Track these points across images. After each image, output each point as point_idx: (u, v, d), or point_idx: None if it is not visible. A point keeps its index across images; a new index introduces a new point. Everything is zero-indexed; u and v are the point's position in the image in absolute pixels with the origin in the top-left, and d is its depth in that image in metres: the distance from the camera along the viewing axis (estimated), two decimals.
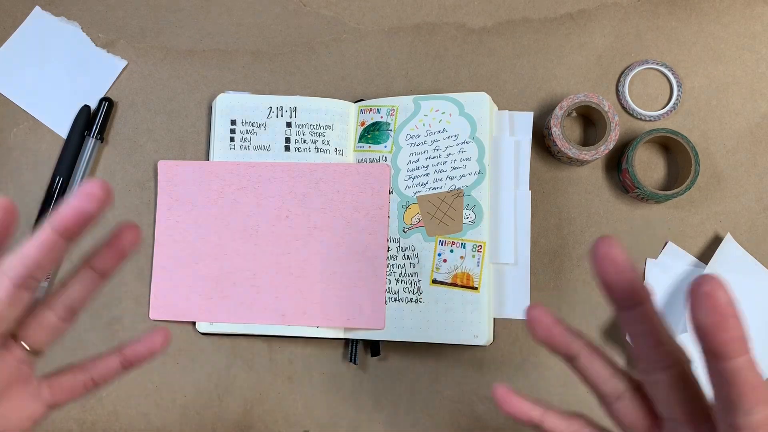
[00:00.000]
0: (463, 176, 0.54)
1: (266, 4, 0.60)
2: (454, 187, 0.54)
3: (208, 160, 0.57)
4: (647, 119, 0.56)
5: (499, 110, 0.56)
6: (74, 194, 0.30)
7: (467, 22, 0.59)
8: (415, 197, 0.54)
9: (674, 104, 0.56)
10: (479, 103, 0.54)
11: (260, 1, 0.60)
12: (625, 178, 0.54)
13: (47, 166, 0.58)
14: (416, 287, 0.53)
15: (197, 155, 0.58)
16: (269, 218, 0.55)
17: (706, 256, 0.54)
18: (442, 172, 0.54)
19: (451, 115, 0.55)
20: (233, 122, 0.57)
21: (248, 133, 0.56)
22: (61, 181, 0.56)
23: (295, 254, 0.54)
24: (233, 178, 0.56)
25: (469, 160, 0.54)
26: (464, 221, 0.53)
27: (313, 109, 0.56)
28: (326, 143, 0.56)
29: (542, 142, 0.56)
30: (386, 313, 0.53)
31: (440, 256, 0.53)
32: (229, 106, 0.57)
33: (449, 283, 0.52)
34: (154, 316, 0.55)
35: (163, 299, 0.55)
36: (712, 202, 0.55)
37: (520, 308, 0.53)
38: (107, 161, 0.58)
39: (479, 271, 0.52)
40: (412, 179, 0.55)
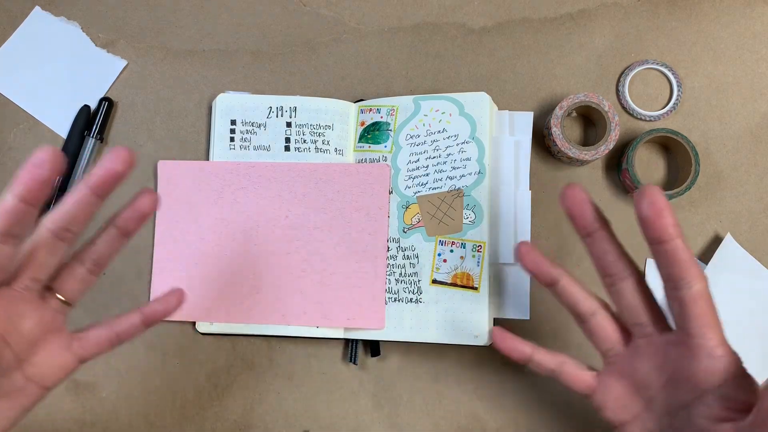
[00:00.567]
0: (463, 176, 0.54)
1: (266, 4, 0.60)
2: (454, 187, 0.54)
3: (208, 160, 0.57)
4: (647, 119, 0.56)
5: (499, 110, 0.56)
6: (105, 157, 0.34)
7: (467, 22, 0.59)
8: (415, 197, 0.54)
9: (674, 104, 0.56)
10: (479, 103, 0.54)
11: (260, 1, 0.60)
12: (625, 178, 0.54)
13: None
14: (416, 287, 0.53)
15: (197, 155, 0.58)
16: (269, 218, 0.55)
17: (706, 256, 0.54)
18: (442, 172, 0.54)
19: (451, 115, 0.55)
20: (233, 122, 0.57)
21: (248, 133, 0.56)
22: (60, 180, 0.56)
23: (295, 254, 0.54)
24: (233, 178, 0.56)
25: (469, 160, 0.54)
26: (464, 221, 0.53)
27: (313, 109, 0.56)
28: (326, 143, 0.56)
29: (542, 142, 0.56)
30: (386, 313, 0.53)
31: (440, 256, 0.53)
32: (229, 106, 0.57)
33: (449, 283, 0.52)
34: None
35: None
36: (712, 202, 0.55)
37: (520, 308, 0.53)
38: None
39: (479, 271, 0.52)
40: (412, 179, 0.55)
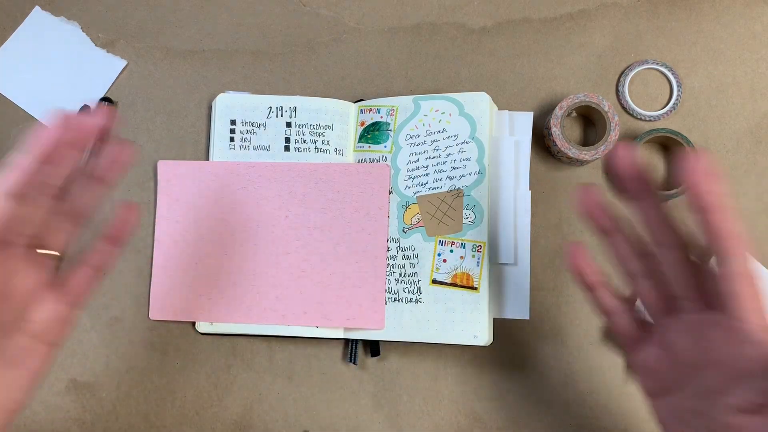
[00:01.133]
0: (462, 176, 0.54)
1: (266, 4, 0.60)
2: (453, 187, 0.54)
3: (207, 160, 0.57)
4: (647, 119, 0.56)
5: (499, 110, 0.56)
6: (88, 112, 0.32)
7: (467, 22, 0.59)
8: (414, 197, 0.54)
9: (674, 104, 0.56)
10: (479, 103, 0.54)
11: (260, 1, 0.60)
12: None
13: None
14: (416, 287, 0.53)
15: (197, 155, 0.58)
16: (269, 218, 0.55)
17: None
18: (441, 172, 0.54)
19: (451, 115, 0.55)
20: (233, 122, 0.57)
21: (248, 133, 0.56)
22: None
23: (295, 254, 0.54)
24: (233, 178, 0.56)
25: (468, 160, 0.54)
26: (464, 221, 0.53)
27: (313, 109, 0.56)
28: (326, 143, 0.56)
29: (542, 142, 0.56)
30: (386, 313, 0.53)
31: (440, 256, 0.53)
32: (228, 106, 0.57)
33: (449, 283, 0.52)
34: (154, 316, 0.55)
35: (163, 299, 0.55)
36: None
37: (520, 308, 0.53)
38: None
39: (479, 271, 0.52)
40: (411, 179, 0.55)
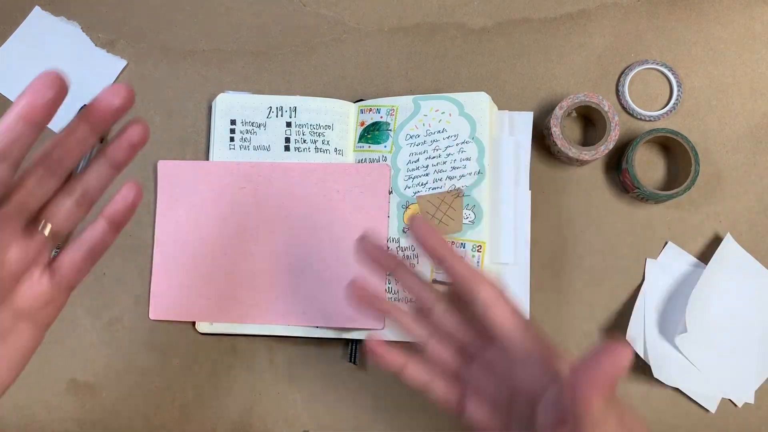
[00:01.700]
0: (462, 176, 0.54)
1: (266, 4, 0.60)
2: (453, 187, 0.54)
3: (208, 159, 0.57)
4: (647, 119, 0.56)
5: (499, 110, 0.56)
6: (104, 91, 0.33)
7: (467, 22, 0.59)
8: (414, 197, 0.54)
9: (674, 104, 0.56)
10: (479, 103, 0.54)
11: (260, 1, 0.60)
12: (625, 178, 0.54)
13: None
14: None
15: (197, 155, 0.58)
16: (269, 218, 0.55)
17: (706, 256, 0.54)
18: (441, 172, 0.54)
19: (450, 115, 0.55)
20: (233, 122, 0.57)
21: (248, 133, 0.56)
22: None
23: (295, 254, 0.54)
24: (233, 178, 0.56)
25: (468, 160, 0.54)
26: (464, 221, 0.53)
27: (313, 109, 0.56)
28: (326, 143, 0.56)
29: (542, 142, 0.56)
30: None
31: None
32: (229, 106, 0.57)
33: (449, 283, 0.52)
34: (154, 316, 0.55)
35: (163, 299, 0.55)
36: (712, 202, 0.55)
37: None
38: None
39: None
40: (411, 179, 0.55)
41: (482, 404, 0.39)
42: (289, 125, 0.56)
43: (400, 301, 0.53)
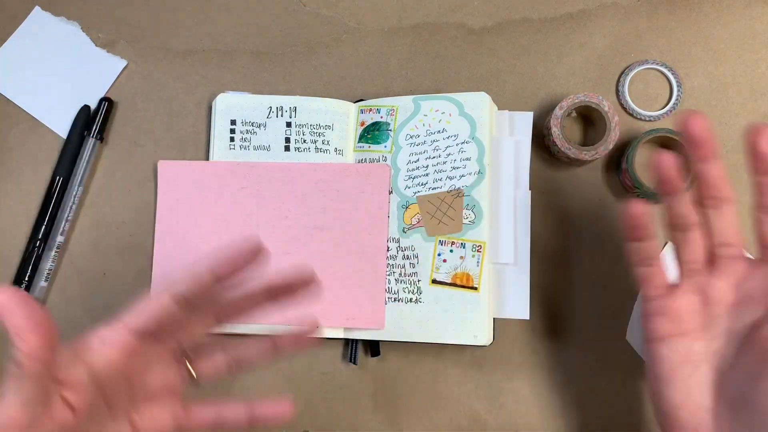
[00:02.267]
0: (462, 176, 0.54)
1: (266, 4, 0.60)
2: (453, 187, 0.54)
3: (208, 159, 0.57)
4: (647, 119, 0.56)
5: (499, 110, 0.56)
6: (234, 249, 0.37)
7: (467, 22, 0.59)
8: (414, 197, 0.54)
9: (674, 104, 0.56)
10: (479, 103, 0.54)
11: (260, 1, 0.60)
12: (624, 178, 0.54)
13: (47, 166, 0.58)
14: (416, 287, 0.53)
15: (197, 155, 0.58)
16: (269, 218, 0.55)
17: None
18: (441, 172, 0.54)
19: (450, 115, 0.55)
20: (233, 122, 0.57)
21: (248, 133, 0.56)
22: (61, 181, 0.56)
23: (295, 254, 0.54)
24: (233, 178, 0.56)
25: (468, 160, 0.54)
26: (464, 221, 0.53)
27: (313, 109, 0.56)
28: (326, 143, 0.56)
29: (542, 142, 0.56)
30: (386, 313, 0.53)
31: (440, 256, 0.53)
32: (228, 106, 0.57)
33: (449, 283, 0.52)
34: None
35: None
36: None
37: (520, 308, 0.53)
38: (107, 161, 0.58)
39: (479, 271, 0.52)
40: (411, 179, 0.55)
41: (691, 298, 0.41)
42: (289, 125, 0.56)
43: (400, 301, 0.53)
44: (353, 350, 0.54)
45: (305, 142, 0.56)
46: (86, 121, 0.57)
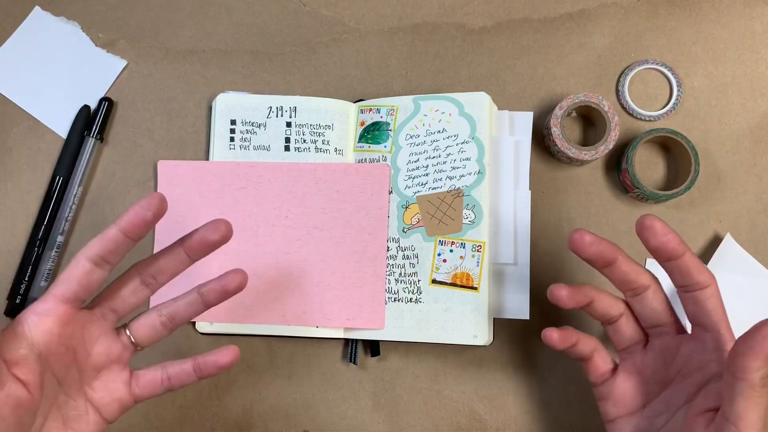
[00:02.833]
0: (462, 176, 0.54)
1: (266, 4, 0.60)
2: (453, 187, 0.54)
3: (207, 159, 0.57)
4: (647, 119, 0.56)
5: (498, 110, 0.56)
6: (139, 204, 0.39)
7: (467, 22, 0.59)
8: (414, 197, 0.54)
9: (674, 104, 0.56)
10: (479, 103, 0.54)
11: (260, 1, 0.60)
12: (624, 178, 0.54)
13: (47, 166, 0.58)
14: (416, 287, 0.53)
15: (197, 155, 0.58)
16: (269, 218, 0.55)
17: (706, 256, 0.54)
18: (441, 172, 0.54)
19: (450, 115, 0.55)
20: (233, 122, 0.57)
21: (248, 132, 0.56)
22: (60, 181, 0.56)
23: (295, 254, 0.54)
24: (233, 178, 0.56)
25: (468, 160, 0.54)
26: (464, 221, 0.53)
27: (313, 109, 0.56)
28: (326, 143, 0.56)
29: (542, 142, 0.56)
30: (386, 313, 0.53)
31: (440, 256, 0.53)
32: (228, 105, 0.57)
33: (449, 283, 0.52)
34: None
35: (162, 299, 0.55)
36: (712, 202, 0.55)
37: (520, 308, 0.53)
38: (107, 161, 0.58)
39: (479, 271, 0.52)
40: (411, 179, 0.55)
41: (631, 381, 0.42)
42: (289, 125, 0.56)
43: (400, 301, 0.53)
44: (353, 350, 0.54)
45: (305, 142, 0.56)
46: (86, 121, 0.57)
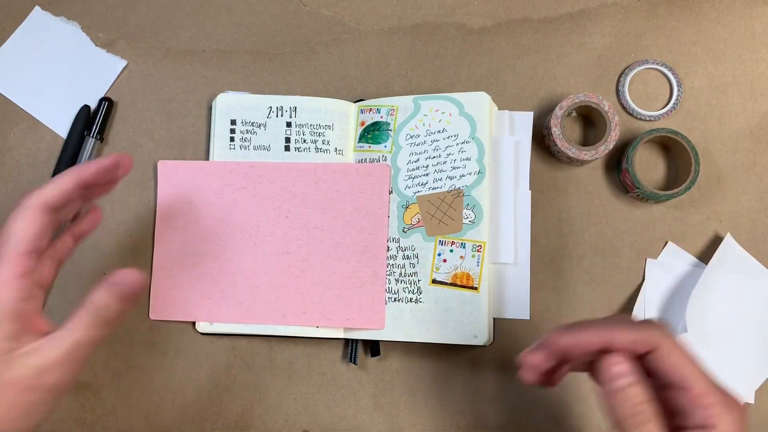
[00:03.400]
0: (462, 176, 0.54)
1: (266, 4, 0.60)
2: (454, 186, 0.54)
3: (208, 159, 0.57)
4: (647, 119, 0.56)
5: (499, 110, 0.56)
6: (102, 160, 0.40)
7: (467, 22, 0.59)
8: (414, 197, 0.54)
9: (674, 104, 0.56)
10: (479, 103, 0.54)
11: (260, 1, 0.60)
12: (624, 178, 0.54)
13: (47, 166, 0.57)
14: (416, 287, 0.53)
15: (197, 155, 0.58)
16: (269, 218, 0.55)
17: (706, 256, 0.54)
18: (441, 172, 0.54)
19: (450, 114, 0.55)
20: (233, 122, 0.57)
21: (248, 132, 0.56)
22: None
23: (295, 254, 0.54)
24: (233, 178, 0.56)
25: (468, 159, 0.54)
26: (464, 221, 0.53)
27: (313, 109, 0.56)
28: (326, 143, 0.56)
29: (542, 142, 0.56)
30: (386, 313, 0.53)
31: (440, 256, 0.53)
32: (229, 105, 0.57)
33: (449, 283, 0.52)
34: (154, 316, 0.55)
35: (162, 299, 0.55)
36: (712, 202, 0.55)
37: (520, 308, 0.53)
38: None
39: (479, 271, 0.52)
40: (411, 179, 0.55)
41: None
42: (289, 125, 0.56)
43: (400, 301, 0.53)
44: (353, 350, 0.54)
45: (305, 142, 0.56)
46: (86, 121, 0.57)
